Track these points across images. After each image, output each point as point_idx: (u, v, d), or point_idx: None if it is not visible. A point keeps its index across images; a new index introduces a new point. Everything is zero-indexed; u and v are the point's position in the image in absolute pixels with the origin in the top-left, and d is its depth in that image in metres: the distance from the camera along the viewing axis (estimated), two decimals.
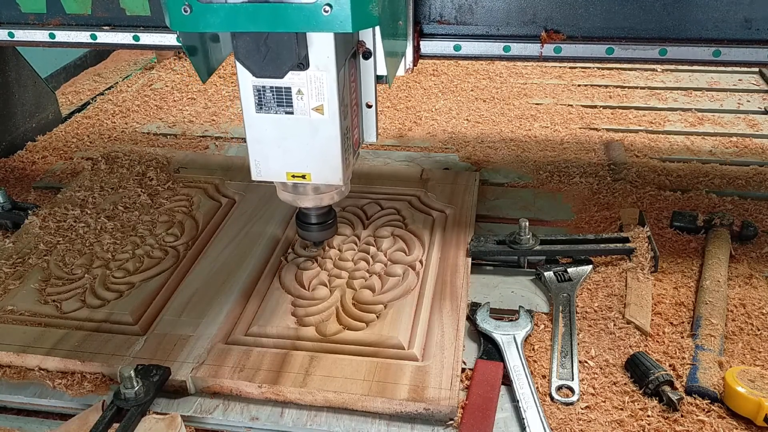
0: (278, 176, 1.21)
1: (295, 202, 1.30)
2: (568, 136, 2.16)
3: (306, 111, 1.13)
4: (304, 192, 1.28)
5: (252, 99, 1.13)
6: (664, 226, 1.66)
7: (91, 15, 1.61)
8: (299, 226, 1.39)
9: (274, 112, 1.14)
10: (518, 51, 1.43)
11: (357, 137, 1.28)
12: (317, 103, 1.12)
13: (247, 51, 1.06)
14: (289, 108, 1.13)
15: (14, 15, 1.64)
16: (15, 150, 2.20)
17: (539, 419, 1.14)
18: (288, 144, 1.17)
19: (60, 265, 1.53)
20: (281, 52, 1.05)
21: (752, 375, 1.17)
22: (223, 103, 2.51)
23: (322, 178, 1.21)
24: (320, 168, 1.19)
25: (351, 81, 1.20)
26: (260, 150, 1.19)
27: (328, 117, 1.13)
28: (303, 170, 1.20)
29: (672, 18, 1.38)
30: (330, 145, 1.16)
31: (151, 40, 1.59)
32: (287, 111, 1.13)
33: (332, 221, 1.39)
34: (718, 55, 1.37)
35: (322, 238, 1.41)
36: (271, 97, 1.12)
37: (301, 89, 1.11)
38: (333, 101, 1.11)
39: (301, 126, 1.15)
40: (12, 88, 2.19)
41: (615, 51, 1.40)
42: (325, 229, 1.38)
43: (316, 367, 1.21)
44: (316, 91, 1.11)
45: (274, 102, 1.13)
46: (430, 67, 2.75)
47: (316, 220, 1.37)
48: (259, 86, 1.12)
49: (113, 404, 1.14)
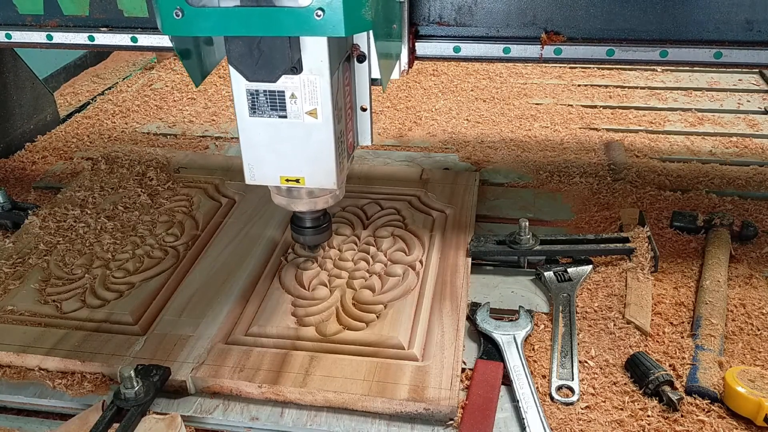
0: (272, 180, 1.20)
1: (289, 206, 1.29)
2: (568, 136, 2.16)
3: (299, 115, 1.12)
4: (298, 196, 1.28)
5: (245, 103, 1.12)
6: (664, 226, 1.66)
7: (88, 16, 1.60)
8: (294, 230, 1.39)
9: (267, 116, 1.13)
10: (518, 53, 1.43)
11: (351, 141, 1.28)
12: (311, 107, 1.11)
13: (240, 55, 1.06)
14: (283, 112, 1.12)
15: (11, 16, 1.63)
16: (12, 152, 2.19)
17: (539, 419, 1.14)
18: (282, 148, 1.16)
19: (60, 265, 1.53)
20: (274, 56, 1.05)
21: (752, 375, 1.17)
22: (223, 103, 2.51)
23: (315, 182, 1.20)
24: (314, 172, 1.18)
25: (345, 84, 1.19)
26: (254, 154, 1.18)
27: (321, 121, 1.12)
28: (297, 174, 1.19)
29: (672, 19, 1.38)
30: (324, 149, 1.15)
31: (149, 41, 1.58)
32: (281, 115, 1.12)
33: (326, 225, 1.38)
34: (719, 56, 1.37)
35: (317, 242, 1.40)
36: (265, 101, 1.12)
37: (294, 93, 1.10)
38: (327, 105, 1.11)
39: (294, 130, 1.14)
40: (9, 89, 2.18)
41: (615, 53, 1.39)
42: (319, 233, 1.37)
43: (316, 367, 1.21)
44: (310, 95, 1.10)
45: (268, 106, 1.12)
46: (430, 67, 2.75)
47: (311, 224, 1.36)
48: (253, 90, 1.11)
49: (113, 404, 1.14)
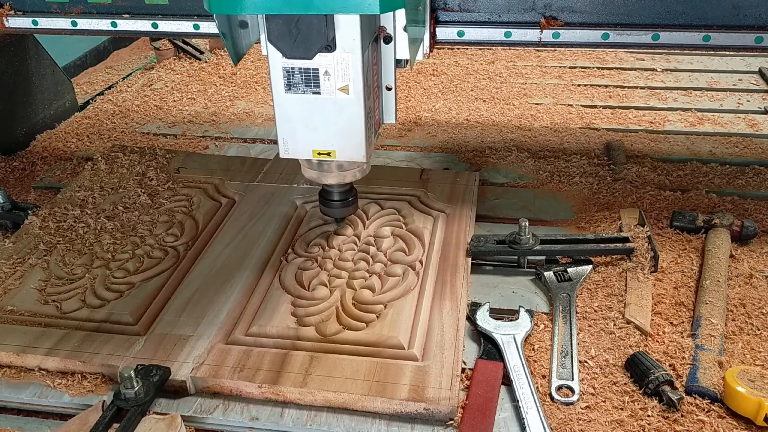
0: (305, 154, 1.28)
1: (320, 179, 1.38)
2: (568, 136, 2.16)
3: (332, 91, 1.20)
4: (328, 169, 1.36)
5: (281, 80, 1.20)
6: (664, 226, 1.66)
7: (111, 3, 1.70)
8: (322, 203, 1.47)
9: (302, 92, 1.21)
10: (518, 37, 1.52)
11: (378, 118, 1.36)
12: (343, 83, 1.19)
13: (279, 33, 1.14)
14: (317, 88, 1.20)
15: (37, 4, 1.75)
16: (34, 135, 2.28)
17: (539, 419, 1.14)
18: (314, 123, 1.24)
19: (60, 265, 1.53)
20: (311, 34, 1.13)
21: (752, 375, 1.17)
22: (223, 103, 2.51)
23: (346, 156, 1.28)
24: (345, 145, 1.26)
25: (373, 64, 1.26)
26: (288, 129, 1.26)
27: (353, 96, 1.20)
28: (328, 148, 1.27)
29: (664, 5, 1.47)
30: (354, 124, 1.23)
31: (168, 27, 1.68)
32: (314, 91, 1.20)
33: (353, 199, 1.46)
34: (707, 39, 1.46)
35: (344, 214, 1.49)
36: (300, 78, 1.19)
37: (328, 70, 1.18)
38: (358, 81, 1.18)
39: (327, 105, 1.22)
40: (32, 76, 2.26)
41: (610, 36, 1.48)
42: (346, 206, 1.46)
43: (316, 367, 1.21)
44: (342, 72, 1.18)
45: (302, 83, 1.20)
46: (430, 67, 2.75)
47: (339, 197, 1.44)
48: (288, 68, 1.19)
49: (113, 404, 1.14)
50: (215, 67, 2.85)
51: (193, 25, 1.66)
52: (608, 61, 2.78)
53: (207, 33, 1.68)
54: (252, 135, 2.25)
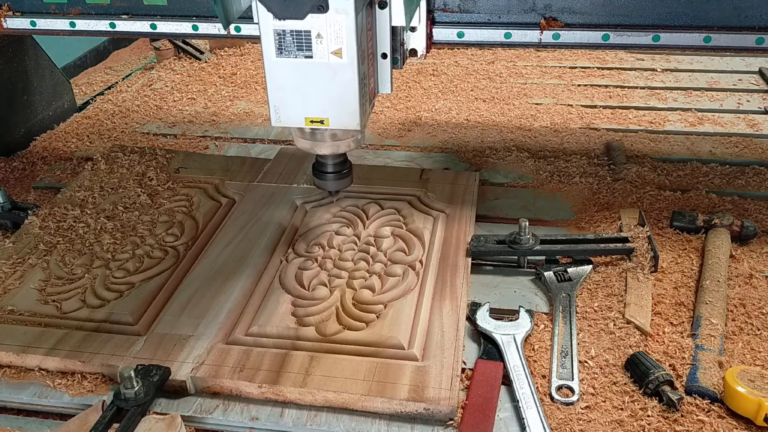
0: (297, 121, 1.23)
1: (313, 149, 1.33)
2: (568, 136, 2.16)
3: (325, 55, 1.15)
4: (321, 139, 1.30)
5: (272, 44, 1.15)
6: (664, 226, 1.66)
7: (110, 5, 1.70)
8: (316, 176, 1.41)
9: (293, 56, 1.16)
10: (518, 38, 1.52)
11: (373, 86, 1.31)
12: (336, 46, 1.14)
13: None
14: (309, 52, 1.15)
15: (36, 5, 1.74)
16: (33, 135, 2.28)
17: (539, 419, 1.14)
18: (307, 89, 1.19)
19: (60, 265, 1.53)
20: None
21: (752, 375, 1.17)
22: (223, 103, 2.51)
23: (340, 123, 1.23)
24: (338, 113, 1.21)
25: (368, 29, 1.22)
26: (279, 96, 1.21)
27: (346, 61, 1.15)
28: (321, 115, 1.22)
29: (665, 5, 1.46)
30: (348, 89, 1.18)
31: (167, 28, 1.68)
32: (306, 55, 1.15)
33: (348, 171, 1.41)
34: (708, 41, 1.45)
35: (338, 187, 1.43)
36: (291, 42, 1.15)
37: (320, 33, 1.13)
38: (351, 45, 1.14)
39: (320, 70, 1.17)
40: (31, 77, 2.27)
41: (611, 37, 1.48)
42: (341, 178, 1.40)
43: (316, 367, 1.21)
44: (335, 35, 1.13)
45: (294, 46, 1.15)
46: (430, 67, 2.75)
47: (333, 168, 1.39)
48: (280, 30, 1.14)
49: (113, 404, 1.14)
50: (215, 67, 2.85)
51: (191, 26, 1.66)
52: (608, 61, 2.78)
53: (206, 34, 1.68)
54: (252, 135, 2.25)
